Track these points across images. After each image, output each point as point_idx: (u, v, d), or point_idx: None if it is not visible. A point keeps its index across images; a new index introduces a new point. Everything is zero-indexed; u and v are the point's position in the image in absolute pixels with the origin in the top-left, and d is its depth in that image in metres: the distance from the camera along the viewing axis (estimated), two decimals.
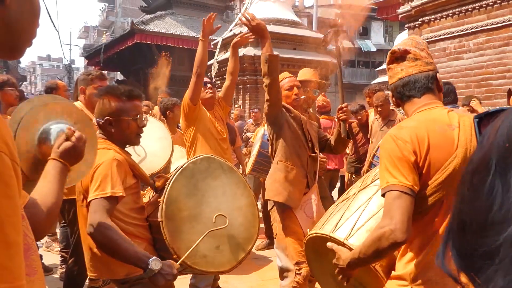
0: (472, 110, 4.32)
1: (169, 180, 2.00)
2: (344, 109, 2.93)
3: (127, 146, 2.09)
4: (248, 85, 10.53)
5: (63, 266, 4.15)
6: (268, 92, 2.73)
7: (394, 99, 1.61)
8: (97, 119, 1.99)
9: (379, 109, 4.77)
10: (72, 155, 1.42)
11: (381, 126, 4.70)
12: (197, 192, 2.03)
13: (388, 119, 4.79)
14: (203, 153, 2.79)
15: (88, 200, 1.81)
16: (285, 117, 2.86)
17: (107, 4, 45.80)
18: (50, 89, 4.69)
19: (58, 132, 1.51)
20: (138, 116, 2.00)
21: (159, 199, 2.01)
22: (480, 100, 4.55)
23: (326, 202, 3.06)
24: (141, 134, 2.06)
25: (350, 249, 1.58)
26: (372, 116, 5.10)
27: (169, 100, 4.68)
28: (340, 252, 1.56)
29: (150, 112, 6.09)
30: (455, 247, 0.43)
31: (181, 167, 2.05)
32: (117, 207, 1.88)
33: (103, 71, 3.77)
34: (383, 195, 1.39)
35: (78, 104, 3.30)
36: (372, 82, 13.72)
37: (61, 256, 4.15)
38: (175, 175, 2.00)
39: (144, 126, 2.06)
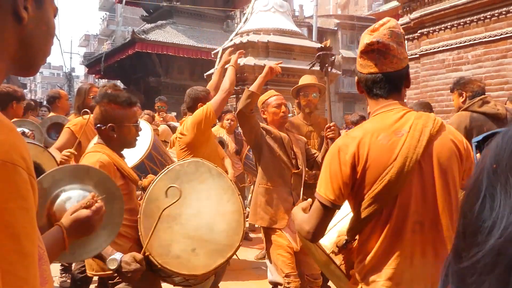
0: None
1: (153, 180, 2.10)
2: (332, 127, 3.03)
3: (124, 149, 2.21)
4: None
5: (63, 275, 4.15)
6: (239, 117, 2.96)
7: (359, 87, 1.57)
8: (99, 125, 2.10)
9: None
10: (83, 227, 1.31)
11: None
12: (180, 194, 2.06)
13: None
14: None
15: None
16: (264, 140, 2.99)
17: (108, 13, 46.11)
18: (53, 98, 4.75)
19: (78, 199, 1.45)
20: (138, 122, 2.19)
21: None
22: None
23: None
24: (136, 139, 2.21)
25: (322, 249, 1.69)
26: None
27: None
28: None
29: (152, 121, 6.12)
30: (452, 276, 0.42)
31: (168, 168, 2.13)
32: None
33: (115, 83, 3.81)
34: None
35: None
36: None
37: (61, 265, 4.15)
38: (160, 175, 2.09)
39: (141, 130, 2.24)
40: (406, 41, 6.80)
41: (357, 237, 1.53)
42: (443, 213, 1.40)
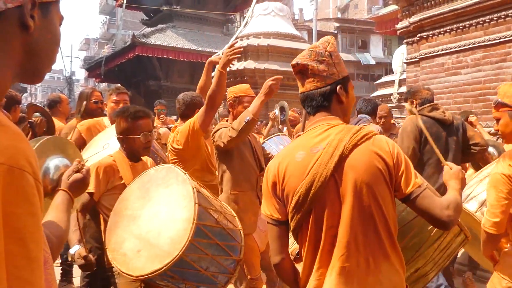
0: (471, 126, 4.38)
1: (132, 181, 2.27)
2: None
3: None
4: None
5: (64, 279, 4.15)
6: (229, 142, 2.82)
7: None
8: (117, 136, 2.48)
9: (382, 120, 4.81)
10: (81, 186, 1.54)
11: None
12: (146, 196, 2.15)
13: (390, 132, 4.83)
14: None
15: None
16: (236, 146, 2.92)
17: (108, 17, 46.24)
18: (54, 102, 4.75)
19: (56, 166, 1.70)
20: (141, 134, 2.41)
21: None
22: (477, 115, 4.61)
23: None
24: (147, 147, 2.49)
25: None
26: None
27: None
28: None
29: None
30: None
31: (145, 172, 2.28)
32: (102, 203, 2.38)
33: (119, 85, 3.80)
34: None
35: (106, 119, 3.54)
36: (371, 95, 13.81)
37: (62, 269, 4.15)
38: (136, 178, 2.25)
39: (149, 141, 2.48)
40: (405, 45, 6.83)
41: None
42: (360, 227, 1.40)
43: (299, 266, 1.60)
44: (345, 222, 1.39)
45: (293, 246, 1.69)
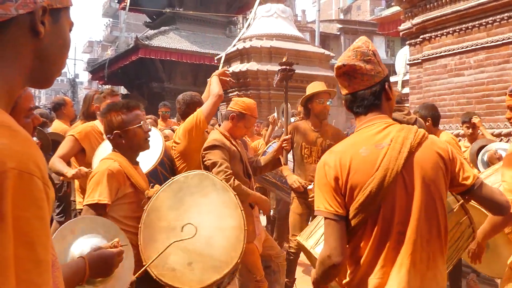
0: (474, 127, 4.38)
1: (157, 191, 2.11)
2: (288, 140, 3.25)
3: (139, 153, 2.29)
4: (261, 100, 10.59)
5: None
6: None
7: (346, 107, 1.64)
8: (107, 136, 2.21)
9: None
10: (104, 265, 1.36)
11: None
12: (181, 206, 2.05)
13: None
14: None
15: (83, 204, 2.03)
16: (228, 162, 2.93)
17: (111, 19, 46.35)
18: (58, 105, 4.79)
19: (91, 246, 1.50)
20: (142, 122, 2.21)
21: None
22: (480, 116, 4.60)
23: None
24: (148, 139, 2.26)
25: (315, 257, 1.70)
26: None
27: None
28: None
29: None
30: None
31: (173, 179, 2.14)
32: (111, 214, 2.06)
33: (114, 88, 3.83)
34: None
35: (97, 123, 3.41)
36: None
37: None
38: (164, 187, 2.11)
39: (149, 130, 2.28)
40: (408, 46, 6.83)
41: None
42: (423, 224, 1.43)
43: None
44: (414, 219, 1.43)
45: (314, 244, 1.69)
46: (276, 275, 3.26)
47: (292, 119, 5.88)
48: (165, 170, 2.99)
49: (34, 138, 3.67)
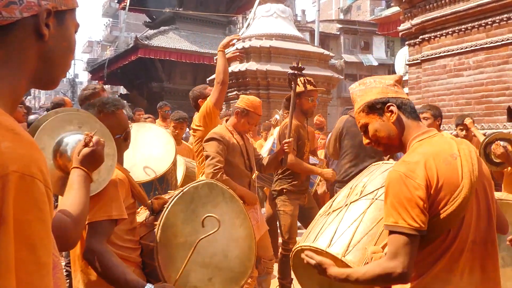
0: (467, 129, 4.40)
1: (168, 203, 1.92)
2: (289, 143, 3.32)
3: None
4: (261, 99, 10.60)
5: (67, 280, 4.16)
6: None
7: (398, 111, 1.59)
8: (118, 136, 1.89)
9: None
10: (93, 160, 1.47)
11: None
12: (195, 218, 1.91)
13: None
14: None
15: (88, 221, 1.61)
16: (225, 155, 3.06)
17: (111, 19, 46.35)
18: (58, 105, 4.79)
19: (76, 142, 1.52)
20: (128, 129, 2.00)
21: (155, 222, 1.90)
22: (473, 118, 4.61)
23: (314, 212, 3.38)
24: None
25: (347, 265, 1.64)
26: None
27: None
28: (325, 261, 1.58)
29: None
30: None
31: (182, 190, 1.98)
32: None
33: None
34: (389, 232, 1.44)
35: None
36: None
37: (66, 271, 4.17)
38: (175, 199, 1.92)
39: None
40: (408, 47, 6.84)
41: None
42: (491, 230, 1.52)
43: None
44: (482, 227, 1.49)
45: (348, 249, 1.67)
46: (260, 279, 3.29)
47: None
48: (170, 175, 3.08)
49: None
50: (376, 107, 1.58)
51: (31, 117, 6.02)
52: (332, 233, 1.75)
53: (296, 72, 3.42)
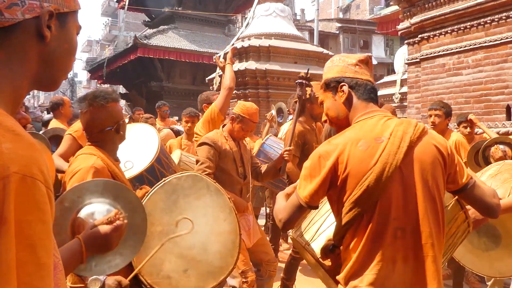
0: (471, 126, 4.37)
1: (148, 192, 1.96)
2: (290, 150, 3.27)
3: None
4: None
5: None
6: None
7: (349, 91, 1.62)
8: (108, 128, 1.95)
9: None
10: (100, 243, 1.33)
11: None
12: (175, 209, 1.92)
13: None
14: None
15: None
16: (216, 160, 3.05)
17: (110, 19, 46.30)
18: (57, 105, 4.78)
19: (108, 210, 1.43)
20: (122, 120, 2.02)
21: None
22: (478, 115, 4.61)
23: None
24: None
25: (311, 253, 1.72)
26: None
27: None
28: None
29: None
30: None
31: (164, 180, 2.00)
32: None
33: (113, 87, 3.86)
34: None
35: None
36: None
37: None
38: (155, 188, 1.95)
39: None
40: (407, 45, 6.84)
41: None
42: (423, 219, 1.43)
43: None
44: (413, 215, 1.43)
45: (316, 238, 1.70)
46: (262, 281, 3.28)
47: (289, 118, 5.88)
48: (163, 167, 2.99)
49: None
50: (331, 86, 1.63)
51: (47, 116, 5.98)
52: (306, 224, 1.84)
53: (304, 81, 3.39)
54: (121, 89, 25.81)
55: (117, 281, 1.64)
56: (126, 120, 2.65)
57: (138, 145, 2.93)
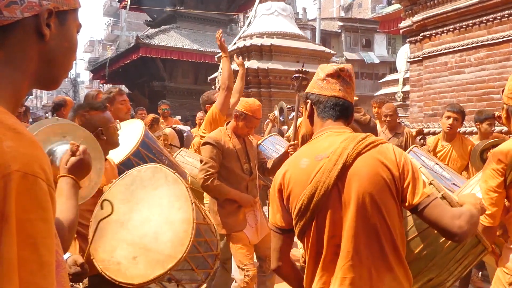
0: (498, 121, 4.18)
1: (111, 185, 2.11)
2: (295, 145, 3.26)
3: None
4: (262, 98, 10.61)
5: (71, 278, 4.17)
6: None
7: (311, 107, 1.62)
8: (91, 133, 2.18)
9: (388, 118, 4.81)
10: (81, 169, 1.49)
11: (388, 138, 4.67)
12: (132, 199, 2.01)
13: (395, 131, 4.82)
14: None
15: None
16: (220, 159, 3.09)
17: (112, 19, 46.38)
18: (59, 106, 4.78)
19: (63, 151, 1.58)
20: (117, 121, 2.30)
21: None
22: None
23: None
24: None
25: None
26: (379, 129, 5.12)
27: None
28: None
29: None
30: None
31: (126, 173, 2.12)
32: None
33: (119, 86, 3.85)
34: None
35: None
36: (376, 94, 13.78)
37: None
38: (117, 180, 2.10)
39: (120, 129, 2.34)
40: (409, 44, 6.82)
41: None
42: (363, 238, 1.38)
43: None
44: (348, 232, 1.38)
45: (301, 250, 1.72)
46: (264, 278, 3.30)
47: (290, 116, 5.88)
48: (143, 161, 2.98)
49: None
50: (304, 101, 1.65)
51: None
52: None
53: (301, 75, 3.40)
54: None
55: (74, 260, 1.76)
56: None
57: (124, 135, 2.94)
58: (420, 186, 1.41)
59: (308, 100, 1.59)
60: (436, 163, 2.69)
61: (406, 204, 1.41)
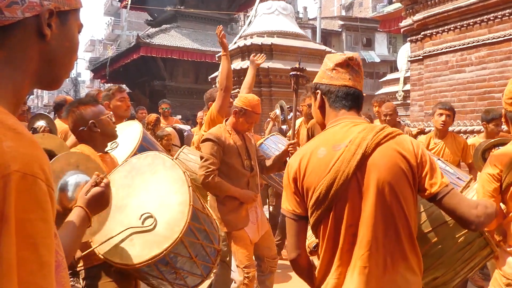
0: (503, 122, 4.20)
1: (113, 171, 2.16)
2: (294, 144, 3.30)
3: (110, 143, 2.39)
4: (263, 97, 10.62)
5: (72, 279, 4.18)
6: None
7: (321, 97, 1.62)
8: (81, 128, 2.22)
9: (387, 118, 4.83)
10: (100, 202, 1.44)
11: None
12: (131, 184, 2.05)
13: None
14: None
15: None
16: (220, 156, 3.08)
17: (113, 18, 46.39)
18: (59, 105, 4.80)
19: (76, 183, 1.58)
20: (110, 113, 2.35)
21: None
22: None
23: None
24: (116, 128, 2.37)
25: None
26: None
27: None
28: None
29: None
30: None
31: (126, 160, 2.19)
32: None
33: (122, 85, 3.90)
34: None
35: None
36: (376, 93, 13.78)
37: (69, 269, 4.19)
38: (117, 167, 2.16)
39: (114, 122, 2.40)
40: (409, 43, 6.81)
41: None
42: (380, 227, 1.40)
43: (315, 260, 1.61)
44: (366, 222, 1.39)
45: (310, 238, 1.70)
46: (263, 277, 3.29)
47: (289, 116, 5.88)
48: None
49: (42, 123, 3.71)
50: (313, 90, 1.64)
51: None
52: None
53: (298, 73, 3.39)
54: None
55: None
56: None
57: (122, 138, 2.96)
58: (438, 176, 1.45)
59: (318, 91, 1.59)
60: (438, 159, 2.71)
61: (426, 193, 1.45)
